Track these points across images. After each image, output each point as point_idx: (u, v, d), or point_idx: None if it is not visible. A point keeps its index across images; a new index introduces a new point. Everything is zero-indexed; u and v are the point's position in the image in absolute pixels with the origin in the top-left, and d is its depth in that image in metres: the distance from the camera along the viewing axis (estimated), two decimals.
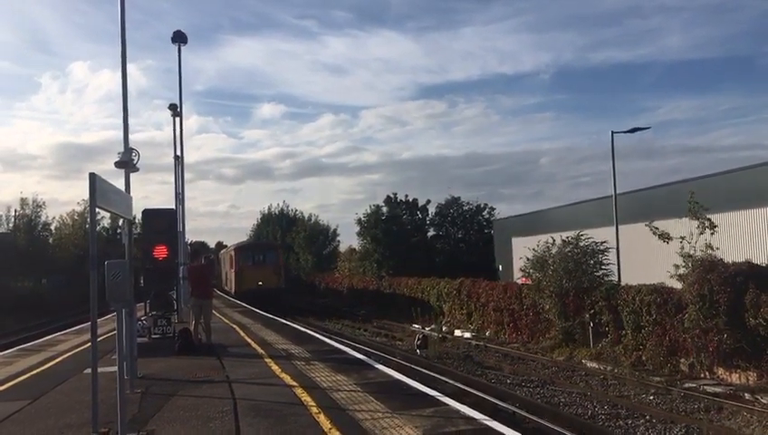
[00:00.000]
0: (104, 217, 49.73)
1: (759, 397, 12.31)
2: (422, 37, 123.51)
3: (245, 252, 40.84)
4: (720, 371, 14.23)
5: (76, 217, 54.51)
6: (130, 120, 13.18)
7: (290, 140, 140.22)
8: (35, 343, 17.55)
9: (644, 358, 15.99)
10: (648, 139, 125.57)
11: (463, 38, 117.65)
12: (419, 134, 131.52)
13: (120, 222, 16.66)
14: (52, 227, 54.20)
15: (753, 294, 13.27)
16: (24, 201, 50.19)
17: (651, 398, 13.21)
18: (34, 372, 12.09)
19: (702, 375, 14.56)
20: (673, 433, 10.55)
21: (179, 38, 24.58)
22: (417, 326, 26.82)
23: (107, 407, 7.55)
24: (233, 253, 41.39)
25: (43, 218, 51.82)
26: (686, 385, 13.82)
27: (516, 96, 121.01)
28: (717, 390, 13.22)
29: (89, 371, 7.25)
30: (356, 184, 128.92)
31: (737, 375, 13.78)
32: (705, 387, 13.54)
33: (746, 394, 12.65)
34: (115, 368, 8.09)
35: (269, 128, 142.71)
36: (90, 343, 6.83)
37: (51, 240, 53.72)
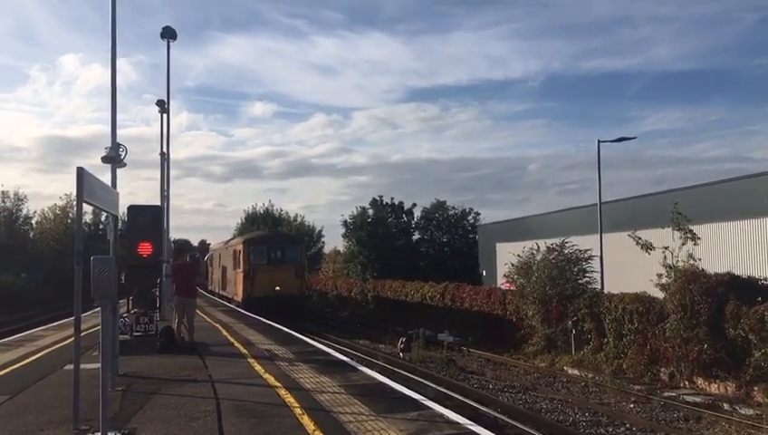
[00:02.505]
0: (86, 213, 49.03)
1: (737, 407, 12.47)
2: (413, 40, 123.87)
3: (259, 246, 30.47)
4: (699, 380, 14.37)
5: (58, 212, 53.92)
6: (119, 115, 13.06)
7: (280, 139, 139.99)
8: (14, 338, 17.27)
9: (625, 366, 16.12)
10: (635, 148, 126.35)
11: (453, 43, 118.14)
12: (410, 137, 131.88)
13: (104, 217, 16.51)
14: (33, 221, 53.65)
15: (734, 306, 13.45)
16: (5, 194, 49.63)
17: (632, 406, 13.31)
18: (14, 367, 11.91)
19: (682, 385, 14.70)
20: None
21: (168, 34, 24.32)
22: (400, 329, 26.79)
23: (87, 404, 7.47)
24: (240, 247, 30.98)
25: (25, 212, 51.31)
26: (666, 394, 13.95)
27: (507, 102, 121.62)
28: (696, 399, 13.35)
29: (69, 367, 7.19)
30: (344, 185, 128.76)
31: (716, 385, 13.93)
32: (685, 396, 13.67)
33: (725, 404, 12.80)
34: (96, 365, 8.01)
35: (259, 126, 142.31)
36: (71, 339, 6.76)
37: (31, 234, 53.07)
